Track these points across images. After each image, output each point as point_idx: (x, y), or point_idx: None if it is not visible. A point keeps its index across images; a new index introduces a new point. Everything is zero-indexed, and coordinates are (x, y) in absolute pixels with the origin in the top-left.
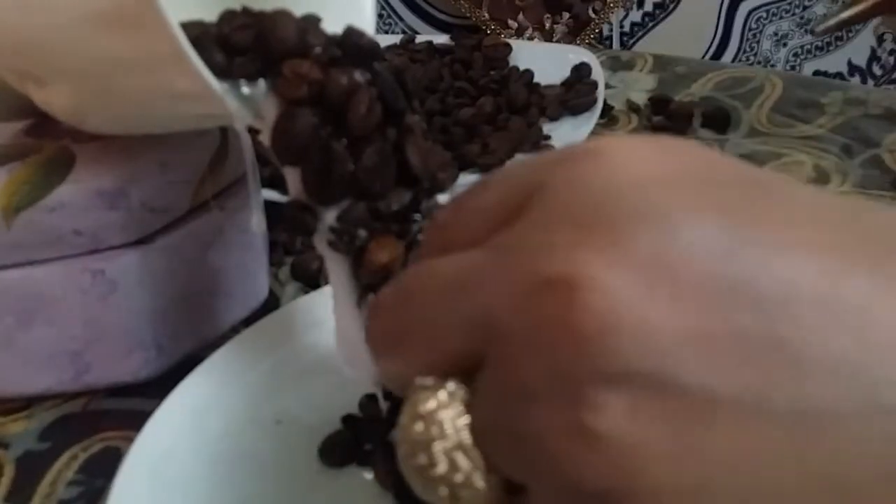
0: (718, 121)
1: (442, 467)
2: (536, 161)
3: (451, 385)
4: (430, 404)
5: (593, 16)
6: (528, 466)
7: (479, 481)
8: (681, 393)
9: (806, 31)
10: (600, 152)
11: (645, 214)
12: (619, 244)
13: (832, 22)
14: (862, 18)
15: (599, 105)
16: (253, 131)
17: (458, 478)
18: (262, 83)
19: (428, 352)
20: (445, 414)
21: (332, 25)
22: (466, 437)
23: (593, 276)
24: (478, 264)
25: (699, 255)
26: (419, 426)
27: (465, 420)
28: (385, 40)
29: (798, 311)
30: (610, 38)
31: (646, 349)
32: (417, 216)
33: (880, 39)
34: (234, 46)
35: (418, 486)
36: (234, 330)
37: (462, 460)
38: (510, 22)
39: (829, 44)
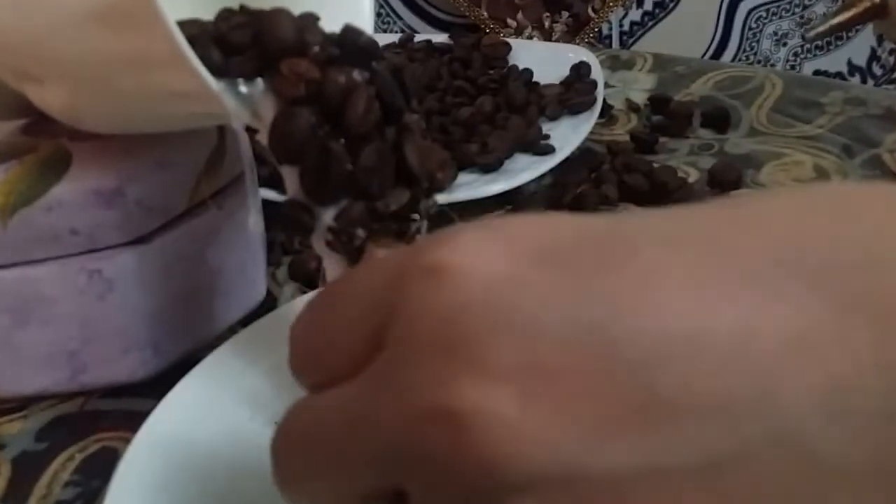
0: (718, 120)
1: None
2: (378, 276)
3: None
4: None
5: (593, 15)
6: None
7: None
8: (589, 483)
9: (802, 36)
10: (438, 269)
11: (495, 324)
12: (481, 362)
13: (822, 28)
14: (852, 24)
15: (599, 104)
16: (250, 130)
17: None
18: (259, 82)
19: (345, 490)
20: None
21: (331, 24)
22: None
23: (467, 400)
24: (363, 401)
25: (561, 344)
26: None
27: None
28: (383, 39)
29: (670, 365)
30: (609, 37)
31: (540, 456)
32: (416, 216)
33: (880, 39)
34: (231, 45)
35: None
36: (232, 330)
37: None
38: (509, 21)
39: (829, 43)
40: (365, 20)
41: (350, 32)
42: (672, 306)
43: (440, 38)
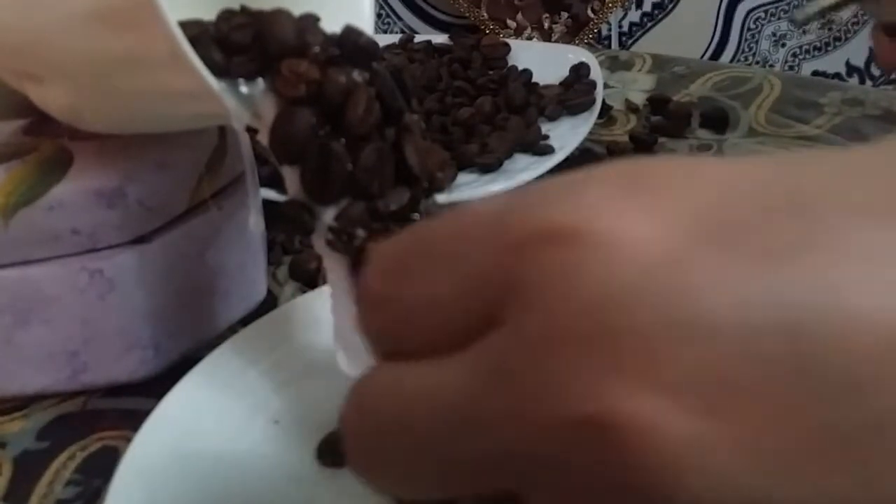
0: (717, 121)
1: None
2: (486, 237)
3: None
4: None
5: (592, 16)
6: None
7: None
8: None
9: (802, 31)
10: (575, 236)
11: (668, 320)
12: (650, 366)
13: (812, 10)
14: (841, 6)
15: (598, 105)
16: (251, 130)
17: None
18: (260, 82)
19: (440, 485)
20: None
21: (331, 25)
22: None
23: (632, 412)
24: (475, 392)
25: (752, 352)
26: None
27: None
28: (384, 40)
29: (883, 379)
30: (609, 37)
31: (725, 486)
32: (416, 216)
33: None
34: (232, 45)
35: None
36: (232, 329)
37: None
38: (509, 21)
39: (827, 44)
40: (365, 21)
41: (350, 33)
42: (884, 299)
43: (440, 38)
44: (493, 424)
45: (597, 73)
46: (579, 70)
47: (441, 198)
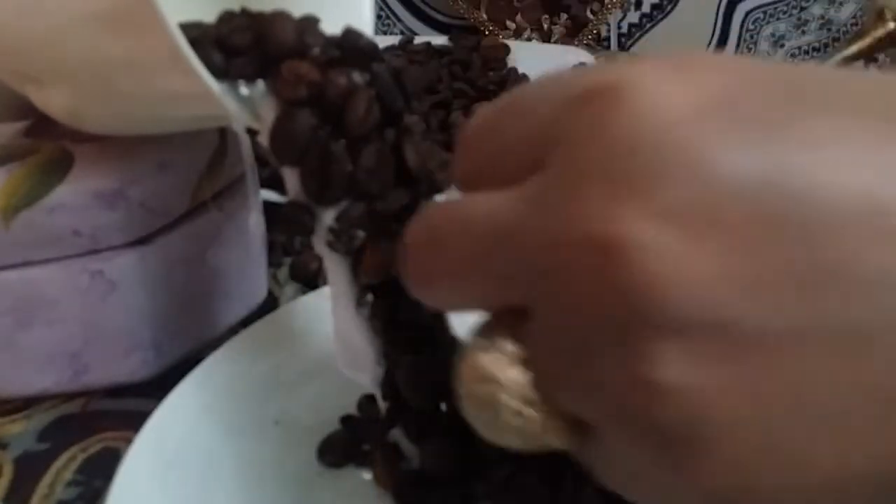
0: None
1: (511, 421)
2: (554, 96)
3: (507, 346)
4: (490, 365)
5: (591, 17)
6: (597, 414)
7: (548, 428)
8: (734, 335)
9: (803, 31)
10: (620, 93)
11: (674, 161)
12: (652, 195)
13: (834, 59)
14: (866, 54)
15: None
16: (251, 132)
17: (528, 428)
18: (260, 84)
19: (467, 298)
20: (506, 374)
21: (331, 26)
22: (530, 391)
23: (631, 232)
24: (511, 216)
25: (735, 194)
26: (482, 388)
27: (525, 377)
28: (383, 41)
29: (839, 232)
30: (608, 39)
31: (694, 299)
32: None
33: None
34: (232, 47)
35: (488, 436)
36: (233, 330)
37: (529, 413)
38: (508, 23)
39: (826, 45)
40: (365, 22)
41: (350, 34)
42: (851, 172)
43: (440, 40)
44: (524, 238)
45: None
46: None
47: (440, 198)
